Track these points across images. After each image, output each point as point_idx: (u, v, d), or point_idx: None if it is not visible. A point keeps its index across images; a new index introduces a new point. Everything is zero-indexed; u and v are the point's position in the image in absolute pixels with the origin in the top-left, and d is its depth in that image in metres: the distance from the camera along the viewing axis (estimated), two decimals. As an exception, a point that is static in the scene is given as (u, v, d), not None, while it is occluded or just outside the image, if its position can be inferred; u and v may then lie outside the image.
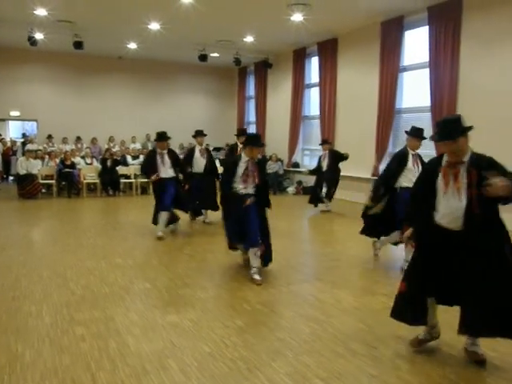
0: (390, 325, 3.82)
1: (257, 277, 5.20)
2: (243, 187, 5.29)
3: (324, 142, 10.70)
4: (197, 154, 8.49)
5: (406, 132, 5.83)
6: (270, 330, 3.95)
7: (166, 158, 7.39)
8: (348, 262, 6.22)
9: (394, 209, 5.55)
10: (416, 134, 5.71)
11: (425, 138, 5.57)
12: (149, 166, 7.46)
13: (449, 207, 3.26)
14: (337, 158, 10.29)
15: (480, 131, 10.22)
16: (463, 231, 3.22)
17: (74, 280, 5.19)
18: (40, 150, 13.96)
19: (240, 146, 8.04)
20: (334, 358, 3.45)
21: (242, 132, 8.97)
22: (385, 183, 5.74)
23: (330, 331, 3.93)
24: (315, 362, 3.36)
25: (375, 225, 5.89)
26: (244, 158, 5.33)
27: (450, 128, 3.28)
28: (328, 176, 10.18)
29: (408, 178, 5.46)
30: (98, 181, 12.98)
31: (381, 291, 5.01)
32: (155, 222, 7.48)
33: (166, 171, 7.36)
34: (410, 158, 5.64)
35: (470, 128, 3.27)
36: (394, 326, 3.88)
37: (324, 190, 10.24)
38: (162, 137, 7.45)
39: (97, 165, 13.48)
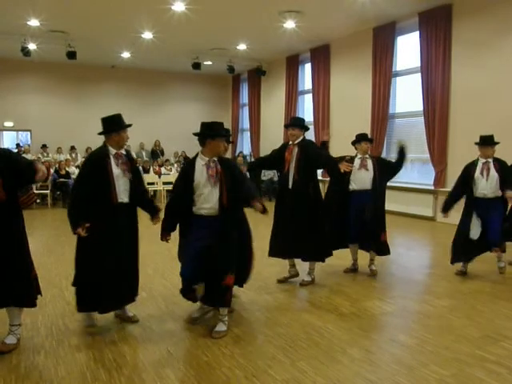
0: (387, 330, 3.81)
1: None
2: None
3: (484, 142, 5.85)
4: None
5: None
6: (267, 336, 3.93)
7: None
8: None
9: None
10: None
11: None
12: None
13: None
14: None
15: (473, 134, 10.17)
16: None
17: (70, 290, 5.15)
18: (34, 160, 13.87)
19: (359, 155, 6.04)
20: (332, 363, 3.44)
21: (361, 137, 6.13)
22: None
23: (326, 337, 3.92)
24: (312, 368, 3.36)
25: None
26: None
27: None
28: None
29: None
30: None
31: (376, 296, 5.02)
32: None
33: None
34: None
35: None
36: (390, 331, 3.86)
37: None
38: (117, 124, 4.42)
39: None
